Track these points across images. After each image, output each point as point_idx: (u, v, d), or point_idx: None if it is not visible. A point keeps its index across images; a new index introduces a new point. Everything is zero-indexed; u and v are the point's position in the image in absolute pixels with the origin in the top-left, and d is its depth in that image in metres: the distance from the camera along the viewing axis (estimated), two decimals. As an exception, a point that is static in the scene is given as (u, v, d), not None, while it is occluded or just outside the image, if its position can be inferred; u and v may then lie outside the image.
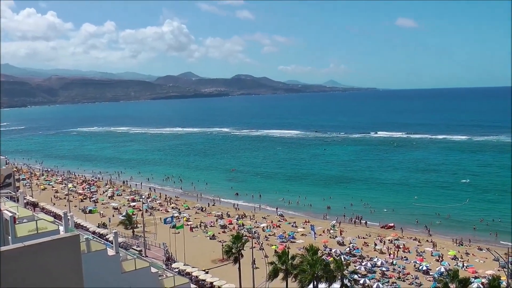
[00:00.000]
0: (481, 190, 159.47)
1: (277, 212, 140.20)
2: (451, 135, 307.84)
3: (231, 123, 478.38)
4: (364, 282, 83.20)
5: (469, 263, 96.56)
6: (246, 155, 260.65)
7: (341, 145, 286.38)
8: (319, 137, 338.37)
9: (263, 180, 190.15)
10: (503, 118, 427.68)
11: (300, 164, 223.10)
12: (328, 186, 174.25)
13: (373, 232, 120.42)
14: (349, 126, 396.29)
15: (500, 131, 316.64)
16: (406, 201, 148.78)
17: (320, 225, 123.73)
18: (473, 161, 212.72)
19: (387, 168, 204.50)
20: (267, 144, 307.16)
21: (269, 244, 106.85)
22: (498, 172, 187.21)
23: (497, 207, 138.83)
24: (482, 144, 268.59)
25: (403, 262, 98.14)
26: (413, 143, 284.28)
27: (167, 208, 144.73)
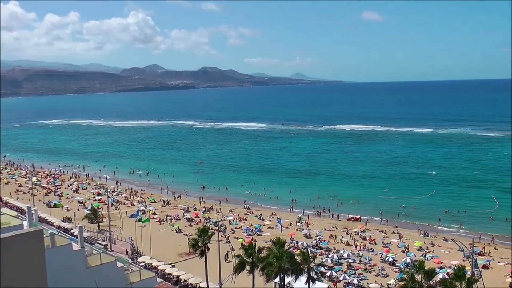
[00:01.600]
0: (446, 182, 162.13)
1: (244, 205, 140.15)
2: (416, 128, 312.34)
3: (197, 116, 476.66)
4: (330, 274, 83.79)
5: (434, 254, 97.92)
6: (212, 148, 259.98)
7: (307, 138, 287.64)
8: (285, 130, 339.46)
9: (230, 173, 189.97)
10: (467, 111, 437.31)
11: (267, 157, 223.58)
12: (294, 178, 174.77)
13: (339, 224, 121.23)
14: (316, 119, 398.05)
15: (464, 124, 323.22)
16: (372, 194, 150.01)
17: (287, 218, 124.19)
18: (439, 154, 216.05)
19: (353, 161, 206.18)
20: (234, 137, 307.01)
21: (235, 237, 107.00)
22: (463, 164, 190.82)
23: (462, 198, 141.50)
24: (447, 136, 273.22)
25: (370, 253, 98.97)
26: (379, 136, 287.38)
27: (133, 201, 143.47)
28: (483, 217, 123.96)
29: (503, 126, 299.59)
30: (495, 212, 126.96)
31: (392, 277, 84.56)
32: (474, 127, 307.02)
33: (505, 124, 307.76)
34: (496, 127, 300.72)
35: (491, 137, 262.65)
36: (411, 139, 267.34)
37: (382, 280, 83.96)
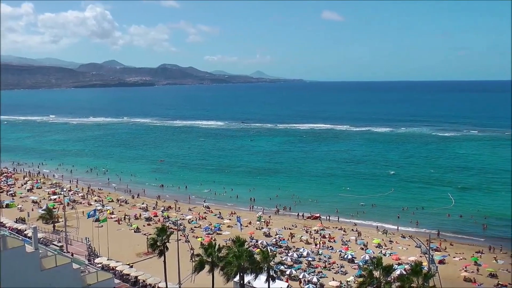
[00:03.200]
0: (404, 181, 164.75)
1: (203, 203, 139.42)
2: (375, 127, 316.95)
3: (156, 113, 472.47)
4: (290, 273, 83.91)
5: (392, 251, 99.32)
6: (171, 146, 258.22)
7: (267, 136, 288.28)
8: (245, 128, 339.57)
9: (189, 171, 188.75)
10: (425, 111, 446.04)
11: (227, 155, 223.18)
12: (254, 177, 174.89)
13: (299, 222, 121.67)
14: (275, 118, 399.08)
15: (422, 124, 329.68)
16: (332, 192, 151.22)
17: (247, 217, 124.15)
18: (397, 153, 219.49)
19: (312, 160, 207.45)
20: (193, 135, 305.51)
21: (195, 236, 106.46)
22: (421, 163, 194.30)
23: (420, 196, 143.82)
24: (405, 136, 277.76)
25: (329, 251, 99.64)
26: (338, 135, 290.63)
27: (90, 201, 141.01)
28: (439, 214, 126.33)
29: (459, 126, 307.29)
30: (451, 209, 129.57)
31: (351, 274, 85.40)
32: (431, 127, 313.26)
33: (460, 125, 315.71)
34: (452, 127, 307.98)
35: (447, 136, 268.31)
36: (370, 138, 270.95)
37: (341, 277, 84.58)
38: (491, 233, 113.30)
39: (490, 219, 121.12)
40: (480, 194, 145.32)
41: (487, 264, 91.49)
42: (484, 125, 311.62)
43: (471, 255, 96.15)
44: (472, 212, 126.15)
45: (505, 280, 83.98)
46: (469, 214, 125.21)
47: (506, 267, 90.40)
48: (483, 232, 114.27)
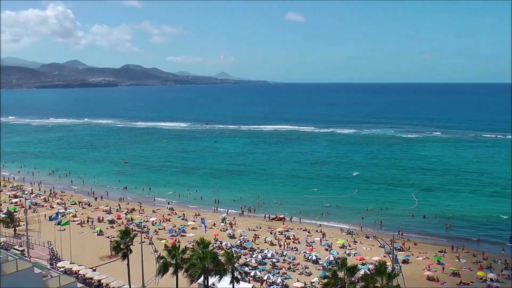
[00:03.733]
0: (369, 181, 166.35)
1: (167, 205, 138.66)
2: (339, 129, 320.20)
3: (119, 114, 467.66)
4: (255, 274, 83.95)
5: (357, 251, 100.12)
6: (135, 147, 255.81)
7: (231, 138, 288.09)
8: (209, 129, 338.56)
9: (153, 173, 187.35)
10: (389, 113, 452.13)
11: (191, 157, 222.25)
12: (218, 178, 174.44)
13: (263, 224, 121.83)
14: (239, 119, 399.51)
15: (385, 125, 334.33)
16: (296, 193, 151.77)
17: (211, 218, 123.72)
18: (361, 154, 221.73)
19: (277, 161, 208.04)
20: (157, 136, 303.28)
21: (159, 238, 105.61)
22: (384, 164, 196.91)
23: (383, 197, 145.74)
24: (369, 137, 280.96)
25: (293, 252, 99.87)
26: (302, 136, 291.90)
27: (52, 204, 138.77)
28: (403, 215, 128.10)
29: (422, 128, 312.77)
30: (415, 209, 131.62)
31: (315, 275, 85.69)
32: (395, 128, 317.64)
33: (424, 126, 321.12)
34: (416, 129, 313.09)
35: (410, 138, 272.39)
36: (334, 139, 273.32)
37: (305, 278, 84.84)
38: (454, 233, 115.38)
39: (453, 219, 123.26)
40: (443, 195, 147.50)
41: (450, 263, 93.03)
42: (448, 127, 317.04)
43: (434, 255, 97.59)
44: (435, 213, 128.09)
45: (468, 278, 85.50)
46: (432, 214, 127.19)
47: (468, 266, 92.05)
48: (446, 232, 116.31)
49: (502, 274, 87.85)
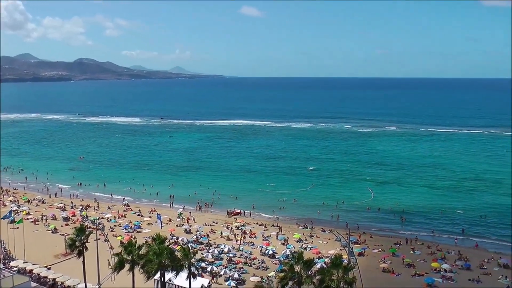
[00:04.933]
0: (325, 175, 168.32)
1: (122, 201, 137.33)
2: (295, 123, 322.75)
3: (73, 109, 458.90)
4: (211, 269, 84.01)
5: (313, 245, 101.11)
6: (89, 143, 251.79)
7: (187, 132, 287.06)
8: (164, 124, 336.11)
9: (107, 169, 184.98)
10: (344, 107, 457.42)
11: (146, 152, 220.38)
12: (174, 174, 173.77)
13: (220, 219, 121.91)
14: (195, 114, 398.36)
15: (341, 120, 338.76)
16: (252, 188, 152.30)
17: (167, 214, 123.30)
18: (317, 148, 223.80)
19: (233, 156, 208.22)
20: (111, 132, 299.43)
21: (114, 235, 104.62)
22: (340, 158, 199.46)
23: (340, 191, 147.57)
24: (325, 131, 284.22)
25: (250, 247, 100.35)
26: (257, 131, 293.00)
27: (4, 201, 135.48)
28: (359, 208, 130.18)
29: (378, 123, 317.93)
30: (371, 203, 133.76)
31: (272, 269, 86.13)
32: (350, 123, 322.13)
33: (379, 121, 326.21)
34: (370, 123, 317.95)
35: (366, 132, 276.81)
36: (290, 134, 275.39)
37: (262, 273, 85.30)
38: (409, 225, 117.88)
39: (408, 212, 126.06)
40: (398, 189, 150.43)
41: (405, 255, 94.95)
42: (402, 122, 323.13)
43: (390, 247, 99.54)
44: (390, 206, 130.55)
45: (422, 269, 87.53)
46: (388, 207, 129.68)
47: (422, 257, 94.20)
48: (401, 224, 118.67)
49: (455, 264, 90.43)
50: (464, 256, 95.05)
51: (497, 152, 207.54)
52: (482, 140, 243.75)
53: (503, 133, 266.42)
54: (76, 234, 72.44)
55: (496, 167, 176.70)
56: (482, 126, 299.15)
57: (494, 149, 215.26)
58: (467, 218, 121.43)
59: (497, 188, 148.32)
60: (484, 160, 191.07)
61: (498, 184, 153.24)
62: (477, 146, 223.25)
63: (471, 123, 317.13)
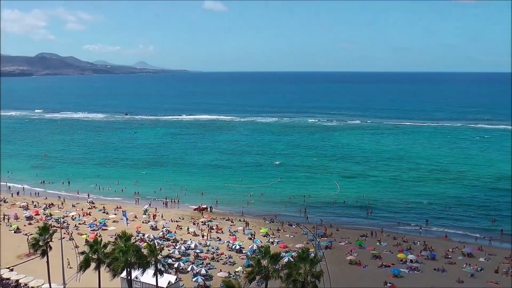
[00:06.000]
0: (291, 169, 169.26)
1: (87, 199, 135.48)
2: (260, 117, 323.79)
3: (34, 106, 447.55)
4: (178, 266, 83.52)
5: (280, 239, 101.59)
6: (52, 140, 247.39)
7: (151, 128, 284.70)
8: (129, 120, 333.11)
9: (71, 166, 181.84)
10: (310, 101, 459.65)
11: (110, 148, 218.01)
12: (140, 170, 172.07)
13: (186, 215, 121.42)
14: (160, 109, 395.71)
15: (307, 114, 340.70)
16: (218, 183, 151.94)
17: (133, 211, 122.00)
18: (283, 142, 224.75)
19: (198, 151, 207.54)
20: (75, 128, 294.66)
21: (79, 234, 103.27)
22: (306, 152, 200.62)
23: (306, 184, 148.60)
24: (290, 125, 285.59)
25: (217, 242, 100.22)
26: (223, 125, 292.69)
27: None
28: (325, 201, 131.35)
29: (342, 117, 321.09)
30: (337, 196, 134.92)
31: (239, 264, 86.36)
32: (316, 117, 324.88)
33: (343, 115, 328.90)
34: (335, 117, 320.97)
35: (331, 126, 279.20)
36: (255, 128, 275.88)
37: (229, 268, 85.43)
38: (375, 217, 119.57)
39: (374, 204, 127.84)
40: (364, 181, 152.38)
41: (371, 246, 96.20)
42: (367, 116, 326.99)
43: (356, 239, 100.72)
44: (356, 198, 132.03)
45: (388, 261, 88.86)
46: (354, 200, 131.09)
47: (389, 249, 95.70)
48: (367, 217, 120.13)
49: (421, 255, 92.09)
50: (429, 246, 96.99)
51: (461, 145, 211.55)
52: (445, 133, 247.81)
53: (467, 126, 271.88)
54: (39, 233, 71.23)
55: (459, 159, 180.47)
56: (446, 119, 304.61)
57: (458, 142, 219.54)
58: (432, 210, 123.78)
59: (461, 180, 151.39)
60: (447, 152, 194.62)
61: (462, 176, 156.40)
62: (440, 139, 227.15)
63: (434, 116, 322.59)
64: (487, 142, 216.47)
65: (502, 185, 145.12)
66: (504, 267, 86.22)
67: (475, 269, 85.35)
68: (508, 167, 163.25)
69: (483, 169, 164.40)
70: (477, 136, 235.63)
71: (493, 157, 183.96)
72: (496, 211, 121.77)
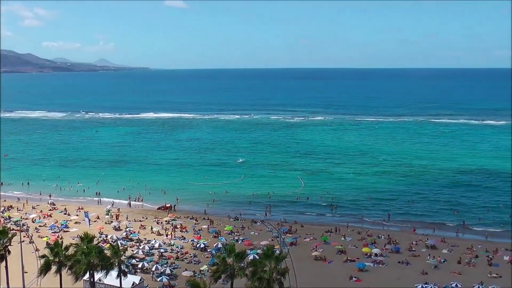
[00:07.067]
0: (255, 166, 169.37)
1: (48, 200, 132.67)
2: (223, 115, 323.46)
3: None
4: (142, 266, 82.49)
5: (245, 237, 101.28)
6: (10, 140, 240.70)
7: (113, 126, 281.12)
8: (90, 119, 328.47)
9: (31, 167, 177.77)
10: (272, 98, 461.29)
11: (71, 148, 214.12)
12: (102, 169, 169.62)
13: (150, 214, 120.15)
14: (121, 107, 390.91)
15: (269, 110, 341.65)
16: (182, 181, 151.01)
17: (95, 211, 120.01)
18: (246, 140, 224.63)
19: (161, 149, 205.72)
20: (34, 127, 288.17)
21: (40, 236, 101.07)
22: (270, 149, 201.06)
23: (270, 181, 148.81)
24: (253, 123, 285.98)
25: (181, 241, 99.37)
26: (186, 123, 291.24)
27: None
28: (289, 198, 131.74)
29: (304, 113, 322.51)
30: (301, 192, 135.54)
31: (204, 263, 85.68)
32: (278, 113, 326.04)
33: (306, 112, 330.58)
34: (298, 114, 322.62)
35: (294, 123, 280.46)
36: (218, 126, 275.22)
37: (194, 267, 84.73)
38: (339, 212, 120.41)
39: (338, 199, 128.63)
40: (327, 177, 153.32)
41: (336, 242, 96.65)
42: (329, 112, 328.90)
43: (321, 235, 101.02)
44: (321, 194, 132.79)
45: (353, 255, 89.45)
46: (318, 196, 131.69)
47: (353, 243, 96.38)
48: (331, 212, 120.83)
49: (385, 248, 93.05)
50: (393, 240, 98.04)
51: (423, 140, 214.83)
52: (407, 128, 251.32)
53: (428, 120, 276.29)
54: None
55: (422, 154, 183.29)
56: (407, 114, 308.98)
57: (420, 137, 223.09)
58: (396, 204, 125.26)
59: (424, 174, 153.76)
60: (410, 147, 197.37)
61: (425, 170, 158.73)
62: (403, 134, 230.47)
63: (396, 111, 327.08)
64: (449, 137, 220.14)
65: (464, 178, 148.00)
66: (466, 258, 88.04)
67: (439, 260, 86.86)
68: (469, 161, 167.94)
69: (445, 163, 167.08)
70: (439, 130, 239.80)
71: (454, 151, 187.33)
72: (459, 204, 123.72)
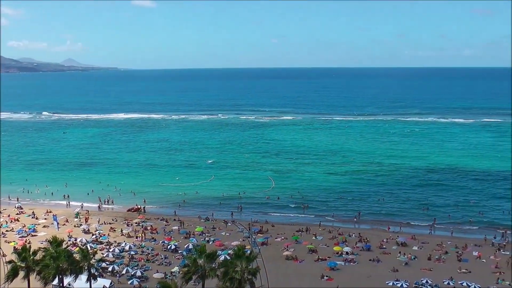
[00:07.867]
0: (225, 166, 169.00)
1: (15, 204, 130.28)
2: (192, 115, 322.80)
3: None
4: (113, 269, 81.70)
5: (216, 237, 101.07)
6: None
7: (81, 128, 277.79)
8: (57, 120, 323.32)
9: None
10: (241, 97, 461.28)
11: (38, 150, 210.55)
12: (70, 171, 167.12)
13: (119, 216, 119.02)
14: (89, 108, 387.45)
15: (239, 110, 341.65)
16: (152, 182, 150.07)
17: (64, 214, 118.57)
18: (216, 140, 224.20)
19: (131, 150, 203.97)
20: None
21: (7, 241, 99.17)
22: (240, 149, 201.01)
23: (240, 181, 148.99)
24: (224, 122, 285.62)
25: (152, 243, 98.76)
26: (155, 123, 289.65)
27: None
28: (260, 198, 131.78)
29: (273, 113, 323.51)
30: (271, 192, 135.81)
31: (175, 264, 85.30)
32: (248, 113, 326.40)
33: (274, 112, 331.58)
34: (266, 114, 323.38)
35: (263, 122, 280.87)
36: (187, 126, 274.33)
37: (166, 268, 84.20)
38: (310, 212, 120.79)
39: (309, 199, 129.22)
40: (298, 176, 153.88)
41: (307, 241, 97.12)
42: (298, 112, 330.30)
43: (292, 234, 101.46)
44: (291, 194, 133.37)
45: (325, 254, 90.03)
46: (288, 195, 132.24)
47: (325, 242, 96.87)
48: (302, 211, 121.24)
49: (356, 246, 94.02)
50: (364, 238, 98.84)
51: (393, 138, 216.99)
52: (377, 127, 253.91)
53: (397, 119, 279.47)
54: (-38, 243, 67.94)
55: (392, 152, 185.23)
56: (377, 113, 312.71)
57: (389, 135, 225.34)
58: (366, 203, 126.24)
59: (394, 173, 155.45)
60: (380, 146, 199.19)
61: (395, 168, 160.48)
62: (372, 133, 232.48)
63: (365, 110, 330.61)
64: (418, 136, 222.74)
65: (433, 176, 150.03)
66: (436, 254, 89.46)
67: (409, 257, 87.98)
68: (439, 159, 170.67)
69: (415, 162, 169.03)
70: (408, 129, 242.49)
71: (424, 150, 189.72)
72: (429, 203, 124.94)
